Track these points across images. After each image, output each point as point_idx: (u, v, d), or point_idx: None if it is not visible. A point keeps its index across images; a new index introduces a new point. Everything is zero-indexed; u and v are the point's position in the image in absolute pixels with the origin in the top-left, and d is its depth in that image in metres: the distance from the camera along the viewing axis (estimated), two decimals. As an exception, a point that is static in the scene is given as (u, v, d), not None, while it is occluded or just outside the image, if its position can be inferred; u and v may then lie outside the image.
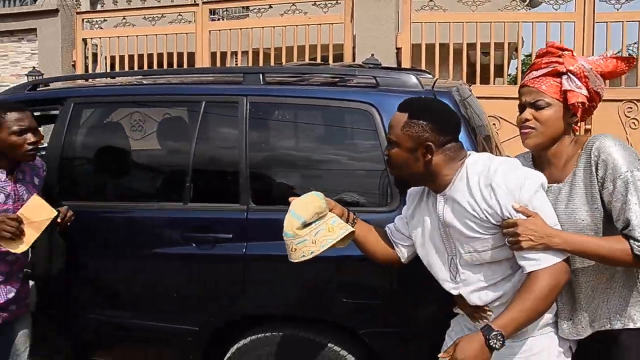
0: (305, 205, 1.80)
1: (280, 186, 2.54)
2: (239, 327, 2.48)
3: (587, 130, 5.78)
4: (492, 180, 1.64)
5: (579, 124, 1.80)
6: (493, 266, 1.71)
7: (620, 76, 1.85)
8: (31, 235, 2.26)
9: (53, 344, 2.83)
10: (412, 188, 1.90)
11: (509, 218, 1.63)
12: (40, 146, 2.57)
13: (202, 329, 2.48)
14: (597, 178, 1.67)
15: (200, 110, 2.53)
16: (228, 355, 2.48)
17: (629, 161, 1.64)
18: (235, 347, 2.46)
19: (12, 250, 2.24)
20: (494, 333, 1.53)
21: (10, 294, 2.38)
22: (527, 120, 1.73)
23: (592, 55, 5.97)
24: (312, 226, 1.78)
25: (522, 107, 1.77)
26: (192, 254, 2.44)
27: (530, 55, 14.57)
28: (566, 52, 1.75)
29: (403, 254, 1.94)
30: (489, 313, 1.74)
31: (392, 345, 2.30)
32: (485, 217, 1.65)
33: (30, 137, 2.31)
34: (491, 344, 1.53)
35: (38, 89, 3.00)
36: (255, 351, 2.41)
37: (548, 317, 1.73)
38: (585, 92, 1.71)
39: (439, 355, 1.63)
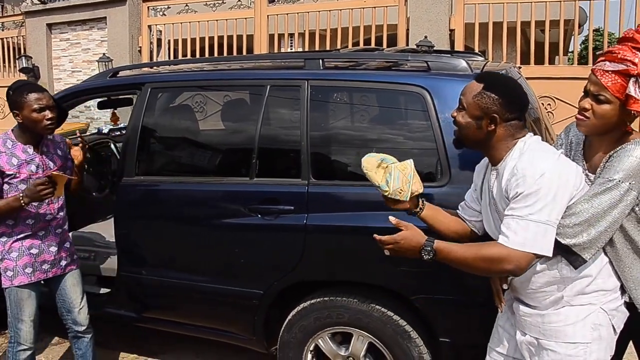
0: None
1: (338, 163, 2.68)
2: (299, 292, 2.65)
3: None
4: (518, 163, 1.71)
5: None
6: None
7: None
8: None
9: (132, 305, 3.08)
10: (481, 162, 1.99)
11: (513, 198, 1.69)
12: (120, 126, 2.86)
13: (266, 293, 2.66)
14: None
15: (265, 93, 2.70)
16: (289, 317, 2.67)
17: (630, 173, 1.68)
18: (295, 310, 2.65)
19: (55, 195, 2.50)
20: (429, 248, 1.75)
21: (52, 248, 2.69)
22: (585, 109, 1.77)
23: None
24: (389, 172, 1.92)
25: (585, 93, 1.79)
26: (258, 224, 2.62)
27: (597, 30, 13.82)
28: None
29: (477, 228, 2.04)
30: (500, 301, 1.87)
31: (443, 312, 2.41)
32: (507, 195, 1.73)
33: (48, 113, 2.55)
34: (422, 252, 1.76)
35: (118, 75, 3.25)
36: (313, 314, 2.59)
37: (584, 284, 1.75)
38: None
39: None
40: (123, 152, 3.03)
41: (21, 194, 2.49)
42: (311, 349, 2.67)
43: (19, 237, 2.62)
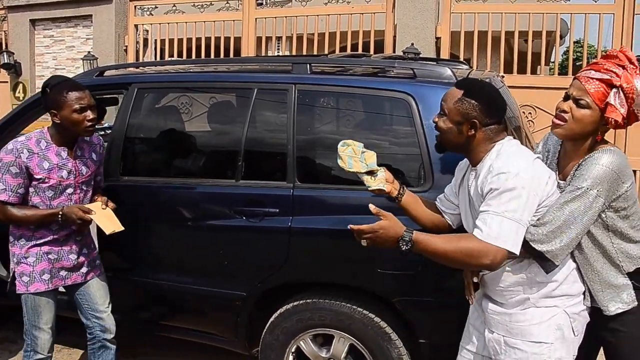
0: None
1: (323, 166, 2.70)
2: (282, 293, 2.67)
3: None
4: (494, 162, 1.79)
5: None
6: None
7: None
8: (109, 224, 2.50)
9: (113, 305, 2.98)
10: (462, 161, 2.05)
11: (488, 194, 1.75)
12: (105, 125, 2.82)
13: (250, 295, 2.68)
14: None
15: (252, 96, 2.71)
16: (272, 319, 2.68)
17: (598, 181, 1.76)
18: (278, 311, 2.66)
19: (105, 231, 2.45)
20: (407, 239, 1.75)
21: (72, 255, 2.58)
22: (564, 111, 1.84)
23: (631, 47, 5.99)
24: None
25: (566, 97, 1.86)
26: (243, 226, 2.64)
27: (578, 42, 14.14)
28: (631, 67, 1.80)
29: (452, 221, 2.13)
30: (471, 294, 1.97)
31: (423, 313, 2.45)
32: (482, 193, 1.80)
33: (89, 114, 2.42)
34: (400, 243, 1.76)
35: (104, 75, 3.23)
36: (296, 315, 2.61)
37: (550, 288, 1.83)
38: (624, 111, 1.78)
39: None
40: (108, 153, 2.99)
41: (60, 215, 2.41)
42: (293, 350, 2.69)
43: (38, 242, 2.50)
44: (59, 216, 2.42)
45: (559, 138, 1.94)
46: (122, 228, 2.51)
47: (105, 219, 2.48)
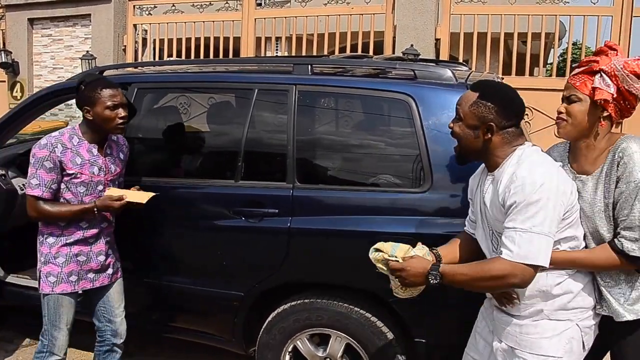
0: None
1: (323, 167, 2.70)
2: (280, 294, 2.67)
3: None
4: (517, 170, 1.71)
5: (614, 122, 1.86)
6: None
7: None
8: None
9: None
10: (478, 169, 1.99)
11: (509, 208, 1.69)
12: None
13: (247, 295, 2.68)
14: (616, 176, 1.79)
15: (253, 96, 2.71)
16: (269, 319, 2.69)
17: None
18: (276, 311, 2.67)
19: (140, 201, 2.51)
20: (436, 272, 1.75)
21: (100, 257, 2.58)
22: (560, 112, 1.87)
23: (629, 49, 6.02)
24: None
25: (562, 100, 1.89)
26: (242, 227, 2.64)
27: (575, 44, 14.24)
28: (612, 52, 1.84)
29: None
30: (514, 298, 1.82)
31: (419, 314, 2.46)
32: (503, 202, 1.73)
33: (121, 111, 2.45)
34: (429, 277, 1.75)
35: (103, 74, 3.16)
36: (294, 315, 2.61)
37: (566, 300, 1.78)
38: (612, 90, 1.79)
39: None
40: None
41: (95, 207, 2.44)
42: (289, 350, 2.69)
43: (68, 241, 2.49)
44: (95, 210, 2.45)
45: (564, 139, 1.94)
46: (154, 193, 2.56)
47: (136, 194, 2.54)
